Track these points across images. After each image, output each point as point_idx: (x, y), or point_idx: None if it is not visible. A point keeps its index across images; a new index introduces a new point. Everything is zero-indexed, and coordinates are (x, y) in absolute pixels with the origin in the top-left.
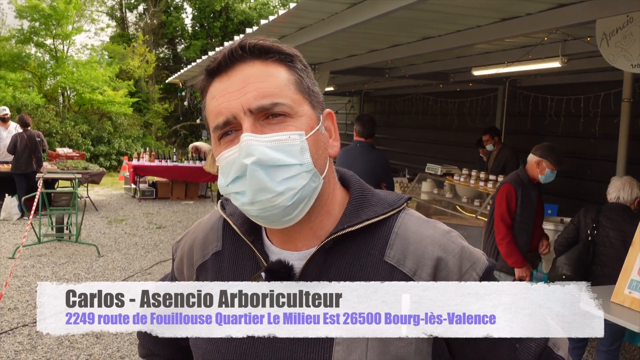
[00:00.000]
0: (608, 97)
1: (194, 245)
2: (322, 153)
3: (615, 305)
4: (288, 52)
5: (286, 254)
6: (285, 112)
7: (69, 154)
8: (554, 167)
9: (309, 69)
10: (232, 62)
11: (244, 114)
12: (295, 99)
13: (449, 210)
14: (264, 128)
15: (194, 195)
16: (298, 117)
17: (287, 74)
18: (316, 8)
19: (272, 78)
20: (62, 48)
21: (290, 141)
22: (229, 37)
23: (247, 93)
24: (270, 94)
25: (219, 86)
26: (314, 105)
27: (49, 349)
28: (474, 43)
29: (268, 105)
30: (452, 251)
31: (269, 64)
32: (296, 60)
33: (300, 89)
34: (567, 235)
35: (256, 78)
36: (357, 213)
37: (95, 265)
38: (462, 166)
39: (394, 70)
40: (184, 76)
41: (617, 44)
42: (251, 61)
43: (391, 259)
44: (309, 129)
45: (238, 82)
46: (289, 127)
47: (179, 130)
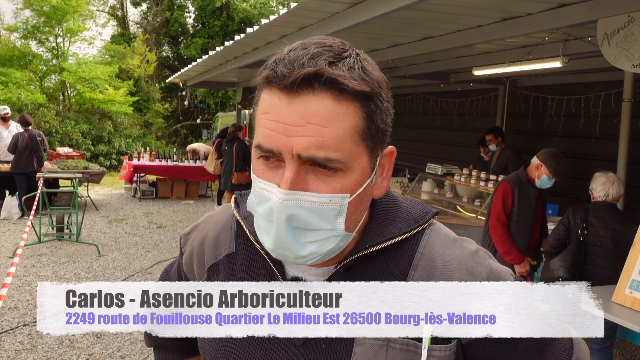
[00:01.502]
0: (609, 97)
1: (205, 243)
2: (363, 207)
3: (616, 305)
4: (368, 89)
5: (303, 269)
6: (337, 168)
7: (69, 153)
8: (551, 175)
9: (389, 101)
10: (300, 87)
11: (290, 157)
12: (354, 151)
13: (450, 210)
14: (307, 177)
15: (194, 195)
16: (350, 173)
17: (357, 118)
18: (317, 8)
19: (337, 124)
20: (64, 45)
21: (330, 204)
22: (230, 37)
23: (302, 136)
24: (328, 145)
25: (278, 106)
26: (376, 150)
27: (49, 349)
28: (475, 43)
29: (321, 159)
30: (480, 275)
31: (341, 102)
32: (376, 98)
33: (364, 137)
34: (557, 236)
35: (319, 120)
36: (381, 231)
37: (96, 264)
38: (462, 166)
39: (395, 70)
40: (185, 76)
41: (619, 43)
42: (322, 94)
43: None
44: (357, 186)
45: (297, 117)
46: (335, 186)
47: (179, 130)
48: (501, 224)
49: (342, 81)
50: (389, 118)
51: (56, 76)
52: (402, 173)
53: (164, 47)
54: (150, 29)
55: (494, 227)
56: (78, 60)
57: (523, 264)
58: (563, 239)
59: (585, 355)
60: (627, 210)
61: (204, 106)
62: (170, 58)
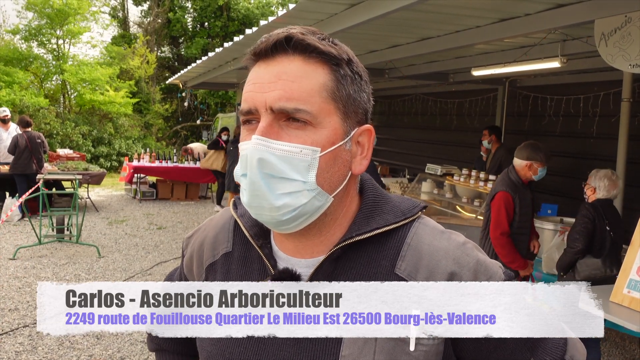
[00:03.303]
0: (607, 97)
1: (204, 244)
2: (337, 170)
3: (614, 304)
4: (334, 54)
5: (294, 261)
6: (306, 120)
7: (69, 155)
8: (544, 164)
9: (361, 75)
10: (274, 52)
11: (264, 110)
12: (323, 108)
13: (449, 211)
14: (281, 131)
15: (194, 196)
16: (320, 129)
17: (325, 78)
18: (315, 9)
19: (305, 80)
20: (65, 47)
21: (300, 155)
22: (230, 37)
23: (274, 90)
24: (297, 97)
25: (257, 71)
26: (348, 116)
27: (49, 350)
28: (473, 43)
29: (290, 109)
30: (467, 265)
31: (310, 63)
32: (343, 64)
33: (334, 97)
34: (587, 232)
35: (289, 76)
36: (368, 221)
37: (96, 266)
38: (462, 166)
39: (394, 70)
40: (184, 77)
41: (616, 44)
42: (293, 55)
43: (402, 272)
44: (329, 144)
45: (271, 75)
46: (306, 139)
47: (180, 131)
48: (506, 237)
49: (310, 42)
50: (363, 94)
51: (57, 77)
52: (402, 173)
53: (164, 48)
54: (151, 29)
55: (498, 241)
56: (79, 62)
57: (527, 268)
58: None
59: (580, 354)
60: (627, 210)
61: (203, 107)
62: (170, 59)
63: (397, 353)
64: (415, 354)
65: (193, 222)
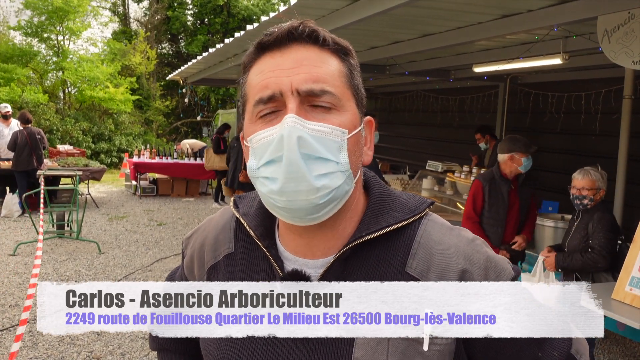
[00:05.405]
0: (609, 94)
1: (205, 245)
2: (359, 155)
3: (616, 302)
4: (343, 45)
5: (302, 262)
6: (332, 104)
7: (69, 151)
8: (526, 154)
9: (359, 68)
10: (289, 40)
11: (291, 93)
12: (345, 92)
13: (450, 207)
14: (308, 114)
15: (194, 193)
16: (344, 112)
17: (340, 66)
18: (316, 5)
19: (326, 65)
20: (66, 44)
21: (332, 136)
22: (230, 34)
23: (299, 73)
24: (323, 79)
25: (270, 62)
26: (359, 105)
27: (49, 346)
28: (475, 40)
29: (318, 90)
30: (477, 262)
31: (324, 52)
32: (350, 55)
33: (349, 84)
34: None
35: (310, 61)
36: (377, 219)
37: (96, 262)
38: (463, 163)
39: (395, 67)
40: (185, 73)
41: (619, 40)
42: (307, 44)
43: (413, 271)
44: (352, 127)
45: (291, 61)
46: (334, 121)
47: (180, 128)
48: (472, 222)
49: (322, 34)
50: (363, 89)
51: (57, 74)
52: (403, 170)
53: (164, 45)
54: (151, 26)
55: (464, 224)
56: (79, 57)
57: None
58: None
59: (584, 348)
60: (628, 207)
61: (204, 103)
62: (170, 55)
63: (410, 353)
64: (429, 353)
65: (193, 219)
